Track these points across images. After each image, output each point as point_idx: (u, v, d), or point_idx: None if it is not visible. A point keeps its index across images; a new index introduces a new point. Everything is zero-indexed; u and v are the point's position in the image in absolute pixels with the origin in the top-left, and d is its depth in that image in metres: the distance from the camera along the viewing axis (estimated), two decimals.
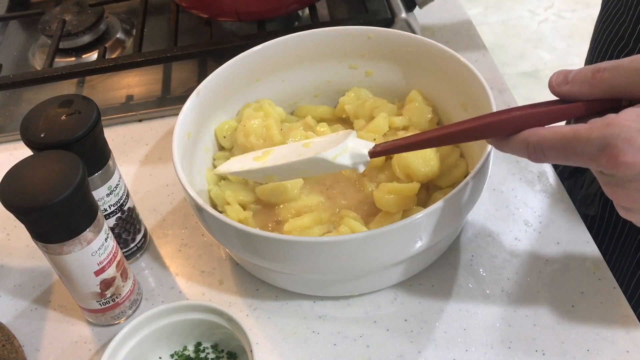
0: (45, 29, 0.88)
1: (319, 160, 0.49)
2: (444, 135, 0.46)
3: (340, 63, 0.68)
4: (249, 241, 0.52)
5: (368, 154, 0.49)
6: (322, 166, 0.50)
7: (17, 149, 0.77)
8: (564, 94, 0.42)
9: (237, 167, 0.55)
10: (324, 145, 0.51)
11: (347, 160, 0.49)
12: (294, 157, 0.51)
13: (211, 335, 0.55)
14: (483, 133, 0.44)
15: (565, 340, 0.53)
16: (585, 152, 0.39)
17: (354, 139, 0.51)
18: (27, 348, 0.58)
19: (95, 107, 0.54)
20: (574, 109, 0.42)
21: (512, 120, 0.42)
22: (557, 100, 0.43)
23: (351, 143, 0.50)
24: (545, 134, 0.41)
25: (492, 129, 0.43)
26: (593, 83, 0.40)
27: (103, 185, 0.56)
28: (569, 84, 0.41)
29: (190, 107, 0.60)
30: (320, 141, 0.53)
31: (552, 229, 0.61)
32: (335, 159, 0.49)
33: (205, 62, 0.84)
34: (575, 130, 0.39)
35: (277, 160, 0.52)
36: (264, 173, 0.53)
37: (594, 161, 0.39)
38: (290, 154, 0.52)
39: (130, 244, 0.62)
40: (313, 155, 0.49)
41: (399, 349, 0.54)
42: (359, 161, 0.50)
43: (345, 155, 0.49)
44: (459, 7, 0.89)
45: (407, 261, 0.55)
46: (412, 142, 0.48)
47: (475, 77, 0.58)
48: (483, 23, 2.39)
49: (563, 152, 0.40)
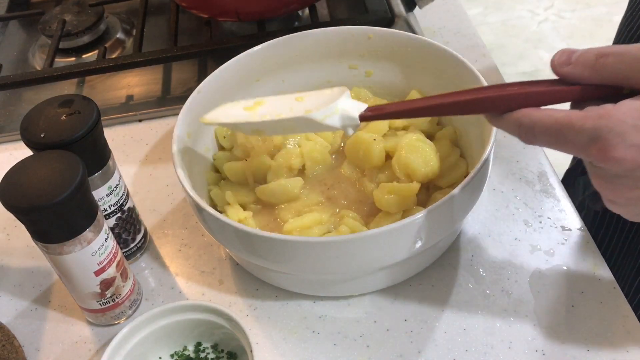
0: (45, 29, 0.88)
1: (308, 119, 0.48)
2: (437, 106, 0.45)
3: (340, 63, 0.68)
4: (249, 241, 0.52)
5: (358, 117, 0.48)
6: (311, 126, 0.49)
7: (17, 149, 0.77)
8: (564, 74, 0.41)
9: (226, 118, 0.53)
10: (316, 101, 0.50)
11: (337, 122, 0.48)
12: (284, 112, 0.50)
13: (211, 335, 0.55)
14: (477, 107, 0.43)
15: (565, 341, 0.53)
16: (577, 141, 0.38)
17: (346, 99, 0.49)
18: (27, 348, 0.58)
19: (95, 107, 0.54)
20: (572, 92, 0.41)
21: (508, 98, 0.41)
22: (557, 80, 0.42)
23: (342, 104, 0.48)
24: (539, 117, 0.40)
25: (486, 105, 0.43)
26: (596, 67, 0.39)
27: (103, 185, 0.56)
28: (571, 65, 0.40)
29: (191, 107, 0.60)
30: (313, 96, 0.51)
31: (552, 229, 0.61)
32: (324, 120, 0.48)
33: (205, 62, 0.84)
34: (569, 117, 0.39)
35: (267, 114, 0.51)
36: (252, 127, 0.51)
37: (584, 151, 0.38)
38: (281, 107, 0.51)
39: (130, 244, 0.62)
40: (302, 115, 0.48)
41: (399, 349, 0.54)
42: (349, 124, 0.48)
43: (335, 117, 0.48)
44: (459, 7, 0.89)
45: (407, 261, 0.54)
46: (404, 109, 0.47)
47: (475, 77, 0.58)
48: (483, 23, 2.39)
49: (554, 137, 0.39)
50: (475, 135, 0.59)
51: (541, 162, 0.67)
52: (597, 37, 2.26)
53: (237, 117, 0.52)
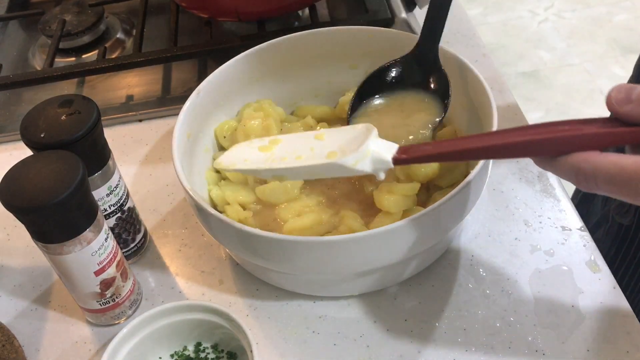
0: (45, 29, 0.88)
1: (338, 165, 0.45)
2: (481, 149, 0.41)
3: (340, 63, 0.68)
4: (249, 241, 0.52)
5: (392, 160, 0.45)
6: (340, 170, 0.45)
7: (17, 149, 0.77)
8: (624, 115, 0.37)
9: (244, 164, 0.49)
10: (338, 139, 0.47)
11: (368, 167, 0.45)
12: (306, 153, 0.46)
13: (211, 335, 0.55)
14: (526, 150, 0.39)
15: (565, 340, 0.53)
16: None
17: (375, 139, 0.45)
18: (27, 348, 0.58)
19: (95, 107, 0.54)
20: (634, 134, 0.37)
21: (562, 141, 0.38)
22: (613, 119, 0.38)
23: (373, 146, 0.45)
24: (602, 163, 0.36)
25: (537, 148, 0.39)
26: None
27: (103, 185, 0.56)
28: (632, 104, 0.37)
29: (190, 107, 0.60)
30: (333, 133, 0.48)
31: (552, 229, 0.61)
32: (355, 166, 0.44)
33: (205, 62, 0.84)
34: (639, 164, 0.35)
35: (286, 155, 0.47)
36: (274, 173, 0.48)
37: None
38: (300, 146, 0.48)
39: (130, 244, 0.62)
40: (332, 161, 0.45)
41: (399, 349, 0.54)
42: (381, 167, 0.45)
43: (366, 161, 0.45)
44: (459, 7, 0.89)
45: (407, 261, 0.55)
46: (445, 153, 0.42)
47: (475, 77, 0.58)
48: (483, 23, 2.39)
49: (620, 187, 0.36)
50: None
51: None
52: (597, 37, 2.26)
53: (256, 163, 0.48)
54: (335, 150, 0.46)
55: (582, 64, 2.17)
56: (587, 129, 0.38)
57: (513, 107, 0.73)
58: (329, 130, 0.49)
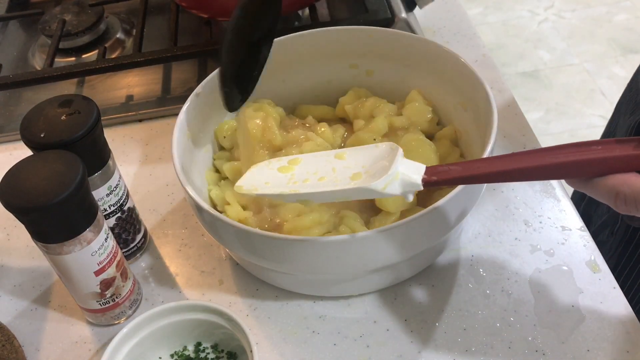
0: (45, 29, 0.88)
1: (367, 190, 0.43)
2: (514, 171, 0.40)
3: (340, 63, 0.68)
4: (249, 241, 0.52)
5: (421, 182, 0.43)
6: (367, 194, 0.44)
7: (17, 149, 0.77)
8: None
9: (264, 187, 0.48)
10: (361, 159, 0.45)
11: (397, 190, 0.43)
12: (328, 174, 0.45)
13: (211, 335, 0.55)
14: (560, 173, 0.39)
15: (565, 340, 0.53)
16: None
17: (402, 160, 0.44)
18: (27, 348, 0.58)
19: (95, 107, 0.54)
20: None
21: (596, 163, 0.37)
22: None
23: (402, 168, 0.43)
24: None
25: (570, 170, 0.38)
26: None
27: (103, 185, 0.56)
28: None
29: (190, 107, 0.60)
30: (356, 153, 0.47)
31: (552, 229, 0.61)
32: (385, 189, 0.43)
33: (205, 62, 0.84)
34: None
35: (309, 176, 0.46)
36: (299, 198, 0.47)
37: None
38: (321, 167, 0.47)
39: (130, 244, 0.62)
40: (361, 186, 0.43)
41: (399, 349, 0.54)
42: (410, 190, 0.44)
43: (395, 184, 0.43)
44: (459, 7, 0.89)
45: (407, 261, 0.55)
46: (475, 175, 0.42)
47: (475, 77, 0.58)
48: (483, 23, 2.39)
49: None
50: (475, 135, 0.59)
51: None
52: (597, 37, 2.26)
53: (279, 187, 0.47)
54: (360, 172, 0.45)
55: (582, 64, 2.17)
56: (621, 151, 0.37)
57: (513, 107, 0.73)
58: (350, 150, 0.48)
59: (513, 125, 0.71)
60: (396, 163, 0.43)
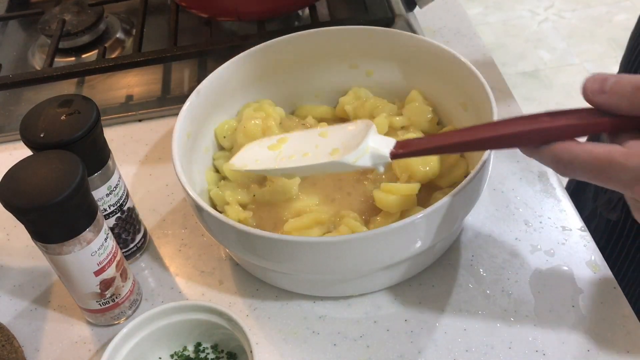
0: (45, 28, 0.88)
1: (340, 163, 0.48)
2: (471, 142, 0.44)
3: (340, 63, 0.68)
4: (249, 241, 0.52)
5: (390, 155, 0.48)
6: (343, 167, 0.49)
7: (17, 149, 0.77)
8: (599, 104, 0.39)
9: (255, 165, 0.53)
10: (341, 136, 0.50)
11: (368, 162, 0.48)
12: (312, 150, 0.51)
13: (211, 335, 0.55)
14: (511, 142, 0.42)
15: (565, 341, 0.53)
16: (620, 178, 0.38)
17: (374, 136, 0.49)
18: (27, 348, 0.58)
19: (95, 107, 0.54)
20: (608, 124, 0.40)
21: (543, 132, 0.41)
22: (590, 110, 0.40)
23: (372, 142, 0.48)
24: (578, 152, 0.39)
25: (521, 139, 0.42)
26: (633, 100, 0.38)
27: (103, 185, 0.56)
28: (606, 95, 0.39)
29: (190, 107, 0.60)
30: (336, 131, 0.51)
31: (552, 229, 0.61)
32: (356, 162, 0.48)
33: (205, 62, 0.84)
34: (611, 154, 0.38)
35: (294, 153, 0.52)
36: (283, 172, 0.53)
37: (627, 188, 0.38)
38: (306, 144, 0.52)
39: (130, 244, 0.62)
40: (335, 160, 0.49)
41: (399, 349, 0.54)
42: (380, 162, 0.48)
43: (366, 157, 0.48)
44: (459, 7, 0.89)
45: (407, 261, 0.54)
46: (436, 146, 0.46)
47: (475, 77, 0.58)
48: (483, 23, 2.39)
49: (595, 174, 0.39)
50: None
51: None
52: (597, 37, 2.26)
53: (266, 163, 0.53)
54: (338, 147, 0.49)
55: (582, 64, 2.17)
56: (567, 121, 0.40)
57: (513, 107, 0.73)
58: (332, 128, 0.53)
59: None
60: (367, 139, 0.48)
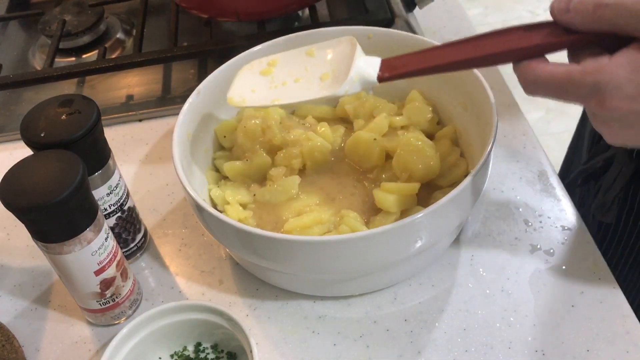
0: (45, 29, 0.88)
1: (333, 96, 0.51)
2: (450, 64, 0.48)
3: None
4: (249, 241, 0.52)
5: (377, 78, 0.50)
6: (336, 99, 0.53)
7: (17, 149, 0.77)
8: (563, 22, 0.43)
9: (251, 98, 0.55)
10: (327, 55, 0.53)
11: (357, 88, 0.50)
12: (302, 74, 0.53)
13: (211, 335, 0.55)
14: (486, 62, 0.46)
15: (565, 341, 0.53)
16: (577, 94, 0.42)
17: (360, 59, 0.51)
18: (27, 348, 0.58)
19: (96, 107, 0.54)
20: (571, 41, 0.43)
21: (512, 52, 0.44)
22: (556, 24, 0.44)
23: (359, 68, 0.50)
24: (541, 72, 0.43)
25: (494, 59, 0.46)
26: (594, 18, 0.41)
27: (103, 184, 0.56)
28: (570, 14, 0.42)
29: (190, 107, 0.60)
30: (322, 49, 0.54)
31: (552, 229, 0.61)
32: (347, 92, 0.50)
33: (205, 62, 0.84)
34: (569, 73, 0.42)
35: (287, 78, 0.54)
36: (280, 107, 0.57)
37: (584, 102, 0.43)
38: (295, 65, 0.54)
39: (130, 244, 0.62)
40: (327, 94, 0.51)
41: (399, 349, 0.54)
42: (368, 87, 0.51)
43: (355, 84, 0.50)
44: (459, 7, 0.89)
45: (407, 261, 0.55)
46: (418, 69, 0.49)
47: (475, 77, 0.58)
48: (483, 23, 2.39)
49: (556, 91, 0.43)
50: (475, 135, 0.59)
51: (541, 161, 0.67)
52: None
53: (262, 95, 0.55)
54: (327, 72, 0.52)
55: None
56: (533, 40, 0.44)
57: (513, 107, 0.73)
58: (316, 46, 0.55)
59: (513, 125, 0.71)
60: (354, 67, 0.50)
